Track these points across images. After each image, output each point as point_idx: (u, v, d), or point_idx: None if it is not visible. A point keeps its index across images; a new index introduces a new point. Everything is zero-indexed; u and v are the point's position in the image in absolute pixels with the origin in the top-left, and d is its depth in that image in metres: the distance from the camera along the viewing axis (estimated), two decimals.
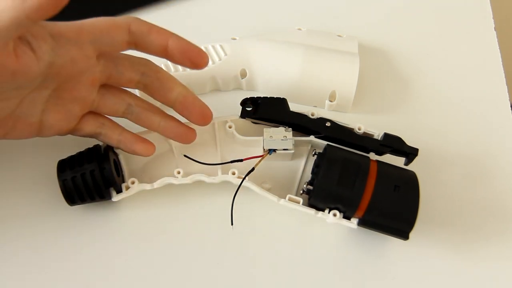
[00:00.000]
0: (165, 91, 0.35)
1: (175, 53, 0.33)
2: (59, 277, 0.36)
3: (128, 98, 0.36)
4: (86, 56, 0.31)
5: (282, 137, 0.37)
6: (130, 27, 0.32)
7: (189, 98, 0.36)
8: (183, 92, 0.36)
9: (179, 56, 0.33)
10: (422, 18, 0.51)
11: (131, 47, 0.33)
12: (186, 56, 0.33)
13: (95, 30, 0.31)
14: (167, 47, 0.33)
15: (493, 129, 0.44)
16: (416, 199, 0.35)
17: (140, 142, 0.37)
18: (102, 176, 0.35)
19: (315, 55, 0.43)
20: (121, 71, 0.34)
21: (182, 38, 0.34)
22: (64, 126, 0.35)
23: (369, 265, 0.38)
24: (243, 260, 0.38)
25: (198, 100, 0.36)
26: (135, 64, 0.35)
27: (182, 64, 0.34)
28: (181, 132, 0.37)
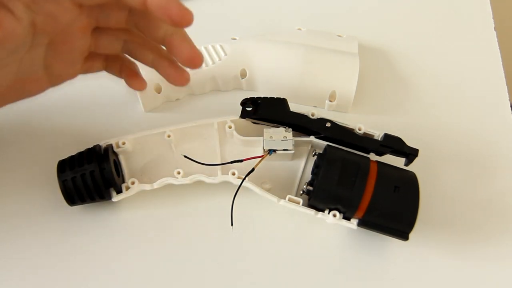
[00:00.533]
0: (153, 29, 0.34)
1: (154, 9, 0.30)
2: (59, 277, 0.36)
3: (123, 35, 0.36)
4: (65, 8, 0.30)
5: (282, 138, 0.37)
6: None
7: (176, 37, 0.34)
8: (170, 30, 0.34)
9: (158, 12, 0.30)
10: (422, 18, 0.51)
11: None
12: (166, 13, 0.30)
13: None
14: (146, 1, 0.30)
15: (493, 129, 0.44)
16: (416, 200, 0.35)
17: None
18: (102, 177, 0.35)
19: (315, 55, 0.43)
20: (107, 13, 0.33)
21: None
22: (71, 72, 0.35)
23: (369, 266, 0.38)
24: (243, 260, 0.38)
25: (187, 41, 0.34)
26: (120, 3, 0.32)
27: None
28: (172, 73, 0.36)
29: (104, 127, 0.42)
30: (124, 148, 0.37)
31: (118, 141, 0.37)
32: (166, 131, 0.38)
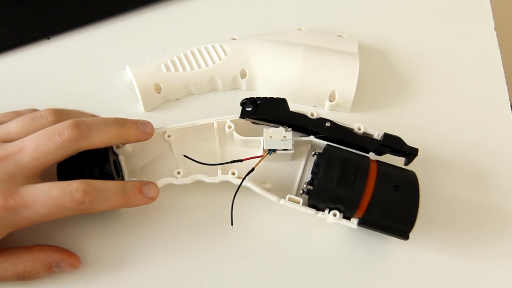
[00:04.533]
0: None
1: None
2: (59, 278, 0.36)
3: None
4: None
5: (282, 137, 0.37)
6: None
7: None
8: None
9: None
10: (422, 18, 0.51)
11: None
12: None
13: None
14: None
15: (493, 129, 0.44)
16: (416, 199, 0.35)
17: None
18: (102, 177, 0.35)
19: (315, 55, 0.43)
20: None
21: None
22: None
23: (369, 265, 0.38)
24: (243, 260, 0.38)
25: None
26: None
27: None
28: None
29: None
30: (124, 148, 0.37)
31: None
32: (166, 131, 0.38)
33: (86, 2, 0.48)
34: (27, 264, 0.34)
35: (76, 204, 0.31)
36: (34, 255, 0.34)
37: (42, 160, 0.32)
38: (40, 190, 0.31)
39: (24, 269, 0.33)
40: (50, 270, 0.35)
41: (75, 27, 0.48)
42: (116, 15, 0.49)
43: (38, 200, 0.31)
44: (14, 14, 0.47)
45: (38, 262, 0.34)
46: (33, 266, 0.34)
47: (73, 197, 0.31)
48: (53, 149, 0.32)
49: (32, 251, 0.34)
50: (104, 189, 0.33)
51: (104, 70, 0.45)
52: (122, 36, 0.48)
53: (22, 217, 0.31)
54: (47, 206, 0.31)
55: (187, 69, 0.43)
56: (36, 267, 0.34)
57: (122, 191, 0.34)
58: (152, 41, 0.48)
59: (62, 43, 0.47)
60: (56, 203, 0.31)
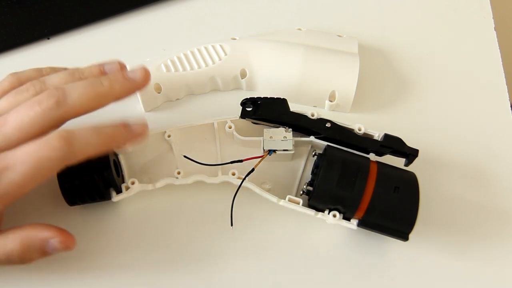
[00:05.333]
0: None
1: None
2: (59, 277, 0.36)
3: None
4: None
5: (282, 138, 0.37)
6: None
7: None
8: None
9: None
10: (422, 18, 0.51)
11: None
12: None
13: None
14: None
15: (493, 130, 0.44)
16: (416, 200, 0.35)
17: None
18: (101, 177, 0.35)
19: (315, 55, 0.43)
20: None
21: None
22: None
23: (369, 266, 0.38)
24: (242, 260, 0.38)
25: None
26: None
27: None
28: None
29: None
30: (124, 148, 0.37)
31: None
32: (166, 131, 0.38)
33: (86, 2, 0.48)
34: (16, 243, 0.32)
35: (54, 151, 0.30)
36: (23, 232, 0.32)
37: (26, 130, 0.31)
38: (18, 150, 0.30)
39: (13, 248, 0.32)
40: (43, 253, 0.33)
41: (75, 27, 0.48)
42: (116, 15, 0.49)
43: (17, 159, 0.30)
44: (14, 14, 0.47)
45: (27, 240, 0.32)
46: (22, 244, 0.32)
47: (50, 144, 0.30)
48: (35, 118, 0.31)
49: (21, 228, 0.32)
50: (81, 132, 0.32)
51: None
52: (122, 36, 0.48)
53: (7, 183, 0.30)
54: (27, 162, 0.30)
55: (187, 69, 0.43)
56: (26, 246, 0.32)
57: (102, 134, 0.33)
58: (152, 41, 0.48)
59: (62, 43, 0.47)
60: (36, 156, 0.30)
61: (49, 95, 0.32)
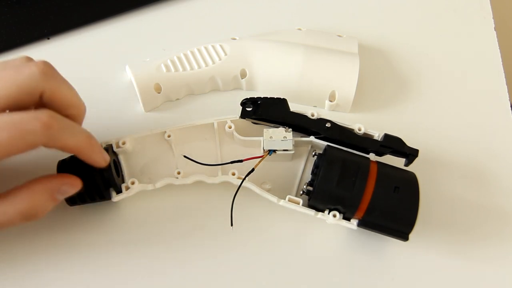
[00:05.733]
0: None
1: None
2: (59, 278, 0.36)
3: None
4: None
5: (282, 138, 0.37)
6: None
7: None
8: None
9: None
10: (422, 18, 0.51)
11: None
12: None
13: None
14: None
15: (493, 129, 0.44)
16: (416, 200, 0.35)
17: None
18: (102, 177, 0.35)
19: (315, 55, 0.43)
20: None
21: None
22: None
23: (369, 266, 0.38)
24: (243, 261, 0.38)
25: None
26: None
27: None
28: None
29: (104, 127, 0.42)
30: (124, 148, 0.37)
31: (118, 141, 0.37)
32: (166, 131, 0.38)
33: (86, 2, 0.48)
34: (28, 200, 0.31)
35: (42, 127, 0.28)
36: (31, 189, 0.31)
37: (4, 92, 0.29)
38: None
39: (27, 205, 0.30)
40: (54, 200, 0.32)
41: (75, 27, 0.48)
42: (116, 15, 0.49)
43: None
44: (14, 14, 0.47)
45: (38, 194, 0.31)
46: (34, 200, 0.31)
47: (40, 119, 0.29)
48: (18, 80, 0.30)
49: (28, 186, 0.31)
50: (71, 124, 0.31)
51: (104, 70, 0.45)
52: (122, 36, 0.48)
53: None
54: (7, 130, 0.28)
55: (187, 69, 0.43)
56: (38, 200, 0.31)
57: (88, 135, 0.32)
58: (152, 41, 0.48)
59: (62, 43, 0.47)
60: (19, 126, 0.28)
61: (35, 63, 0.31)
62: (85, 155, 0.32)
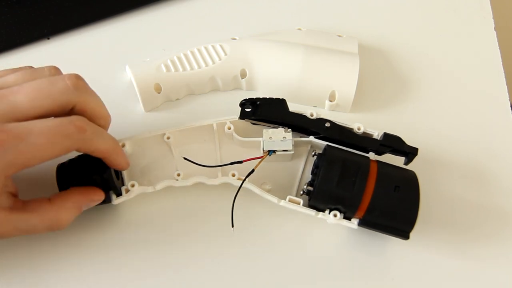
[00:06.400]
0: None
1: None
2: (59, 280, 0.36)
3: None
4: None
5: (282, 138, 0.37)
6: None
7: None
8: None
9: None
10: (422, 18, 0.51)
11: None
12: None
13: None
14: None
15: (493, 129, 0.44)
16: (416, 199, 0.35)
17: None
18: (101, 179, 0.35)
19: (315, 55, 0.43)
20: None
21: None
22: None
23: (370, 265, 0.38)
24: (243, 261, 0.38)
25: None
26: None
27: None
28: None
29: None
30: (124, 150, 0.37)
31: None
32: (165, 133, 0.38)
33: (86, 2, 0.48)
34: (58, 217, 0.32)
35: (77, 131, 0.30)
36: (61, 206, 0.33)
37: (38, 102, 0.30)
38: (34, 122, 0.29)
39: (56, 221, 0.32)
40: (79, 212, 0.34)
41: (75, 27, 0.48)
42: (116, 15, 0.49)
43: (34, 130, 0.29)
44: (14, 14, 0.47)
45: (67, 211, 0.33)
46: (64, 215, 0.32)
47: (75, 124, 0.30)
48: (53, 93, 0.31)
49: (57, 204, 0.33)
50: (101, 129, 0.33)
51: (104, 70, 0.45)
52: (122, 36, 0.48)
53: (17, 152, 0.28)
54: (45, 134, 0.29)
55: (187, 69, 0.43)
56: (67, 215, 0.33)
57: (115, 141, 0.34)
58: (152, 41, 0.48)
59: (62, 43, 0.47)
60: (56, 130, 0.29)
61: (76, 76, 0.33)
62: (112, 159, 0.34)
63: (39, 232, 0.32)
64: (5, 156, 0.28)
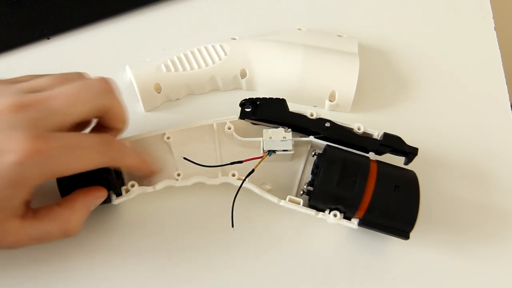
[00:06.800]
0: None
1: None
2: (59, 280, 0.36)
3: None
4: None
5: (282, 138, 0.37)
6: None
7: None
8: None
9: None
10: (422, 18, 0.51)
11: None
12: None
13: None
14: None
15: (493, 129, 0.44)
16: (416, 199, 0.35)
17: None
18: (101, 179, 0.35)
19: (315, 55, 0.43)
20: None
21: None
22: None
23: (369, 265, 0.38)
24: (243, 261, 0.38)
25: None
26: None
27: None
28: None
29: None
30: None
31: None
32: (165, 133, 0.38)
33: (86, 2, 0.48)
34: (70, 219, 0.32)
35: (111, 150, 0.32)
36: (71, 208, 0.33)
37: (76, 107, 0.31)
38: (77, 136, 0.31)
39: (69, 224, 0.32)
40: (88, 213, 0.34)
41: (75, 27, 0.48)
42: (116, 15, 0.49)
43: (76, 144, 0.30)
44: (14, 14, 0.47)
45: (79, 211, 0.33)
46: (76, 217, 0.33)
47: (108, 142, 0.32)
48: (90, 98, 0.32)
49: (67, 206, 0.33)
50: (126, 145, 0.34)
51: (104, 70, 0.45)
52: (122, 36, 0.48)
53: (56, 163, 0.29)
54: (84, 150, 0.30)
55: (187, 69, 0.43)
56: (78, 217, 0.33)
57: (139, 154, 0.35)
58: (152, 41, 0.48)
59: (62, 43, 0.47)
60: (96, 147, 0.31)
61: (107, 80, 0.33)
62: (139, 171, 0.36)
63: (52, 238, 0.32)
64: (45, 165, 0.29)
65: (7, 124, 0.28)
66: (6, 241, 0.31)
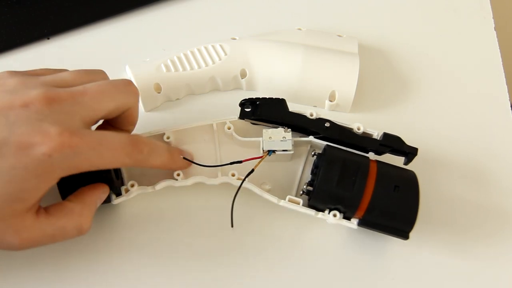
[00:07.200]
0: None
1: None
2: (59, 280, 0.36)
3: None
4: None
5: (281, 138, 0.37)
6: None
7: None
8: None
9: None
10: (422, 18, 0.51)
11: None
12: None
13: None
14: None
15: (493, 129, 0.44)
16: (416, 199, 0.35)
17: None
18: (101, 180, 0.35)
19: (315, 55, 0.43)
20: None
21: None
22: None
23: (369, 265, 0.38)
24: (243, 261, 0.38)
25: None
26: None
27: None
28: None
29: None
30: None
31: None
32: (165, 132, 0.38)
33: (86, 2, 0.48)
34: (83, 213, 0.32)
35: (137, 151, 0.32)
36: (83, 202, 0.33)
37: (104, 105, 0.32)
38: (105, 135, 0.30)
39: (81, 219, 0.32)
40: (95, 209, 0.34)
41: (75, 27, 0.48)
42: (116, 15, 0.49)
43: (104, 142, 0.30)
44: (14, 14, 0.47)
45: (88, 207, 0.33)
46: (86, 214, 0.33)
47: (136, 143, 0.32)
48: (116, 96, 0.32)
49: (79, 201, 0.33)
50: (156, 144, 0.34)
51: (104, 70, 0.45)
52: (122, 36, 0.48)
53: (82, 159, 0.29)
54: (111, 150, 0.30)
55: (187, 69, 0.43)
56: (89, 213, 0.33)
57: (169, 150, 0.35)
58: (152, 41, 0.48)
59: (62, 43, 0.47)
60: (122, 147, 0.31)
61: (125, 81, 0.34)
62: (170, 168, 0.36)
63: (66, 235, 0.32)
64: (73, 159, 0.29)
65: (37, 116, 0.29)
66: (19, 238, 0.30)
